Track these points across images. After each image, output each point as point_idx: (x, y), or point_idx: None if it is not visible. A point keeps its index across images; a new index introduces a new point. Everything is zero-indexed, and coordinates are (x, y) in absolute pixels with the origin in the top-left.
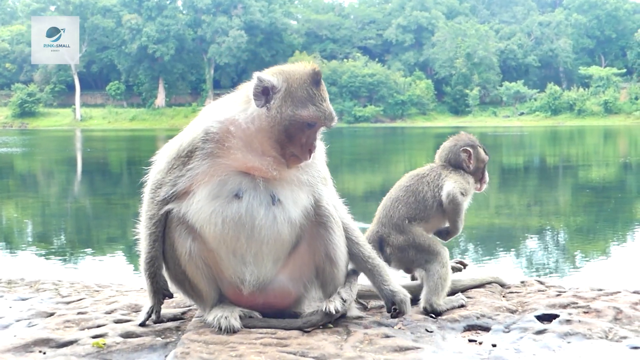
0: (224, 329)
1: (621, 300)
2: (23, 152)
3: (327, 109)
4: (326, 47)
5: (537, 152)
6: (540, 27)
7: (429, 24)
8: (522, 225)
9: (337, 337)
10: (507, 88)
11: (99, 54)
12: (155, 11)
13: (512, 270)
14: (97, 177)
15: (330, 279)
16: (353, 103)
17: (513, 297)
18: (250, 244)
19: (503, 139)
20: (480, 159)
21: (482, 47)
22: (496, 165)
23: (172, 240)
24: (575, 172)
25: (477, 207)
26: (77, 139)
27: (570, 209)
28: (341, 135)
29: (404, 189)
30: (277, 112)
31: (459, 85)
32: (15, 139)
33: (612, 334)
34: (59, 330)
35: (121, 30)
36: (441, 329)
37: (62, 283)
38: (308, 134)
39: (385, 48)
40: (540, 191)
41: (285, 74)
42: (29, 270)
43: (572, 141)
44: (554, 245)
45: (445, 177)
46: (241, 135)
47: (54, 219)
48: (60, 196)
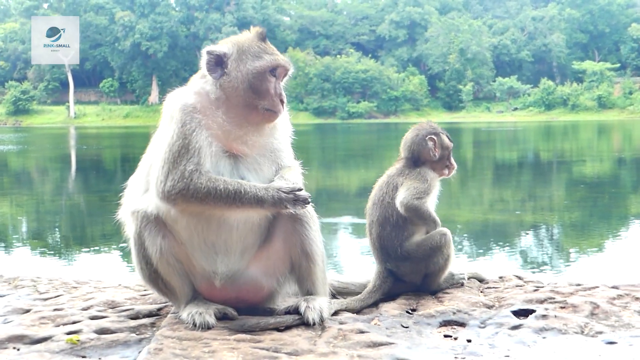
0: (199, 325)
1: (599, 295)
2: (17, 150)
3: (279, 54)
4: (319, 43)
5: (530, 147)
6: (534, 22)
7: (422, 19)
8: (515, 221)
9: (312, 332)
10: (501, 83)
11: (92, 51)
12: (148, 8)
13: (505, 265)
14: (91, 174)
15: (307, 274)
16: (346, 99)
17: (491, 293)
18: (221, 229)
19: (497, 134)
20: (444, 146)
21: (476, 43)
22: (490, 161)
23: (142, 241)
24: (569, 167)
25: (472, 203)
26: (71, 136)
27: (564, 204)
28: (335, 132)
29: (377, 220)
30: (236, 72)
31: (452, 81)
32: (9, 136)
33: (588, 329)
34: (34, 326)
35: (114, 28)
36: (417, 324)
37: (40, 280)
38: (274, 85)
39: (378, 44)
40: (534, 186)
41: (232, 40)
42: (20, 267)
43: (565, 136)
44: (546, 240)
45: (400, 186)
46: (215, 106)
47: (47, 216)
48: (54, 193)
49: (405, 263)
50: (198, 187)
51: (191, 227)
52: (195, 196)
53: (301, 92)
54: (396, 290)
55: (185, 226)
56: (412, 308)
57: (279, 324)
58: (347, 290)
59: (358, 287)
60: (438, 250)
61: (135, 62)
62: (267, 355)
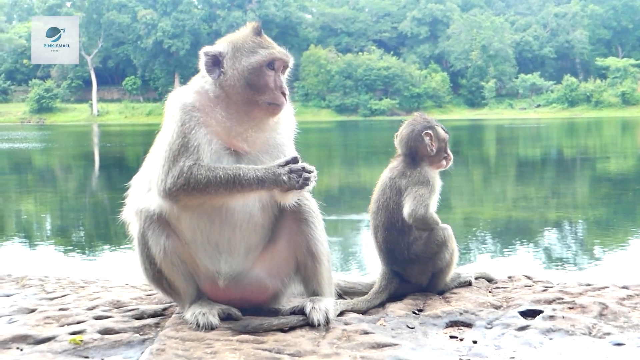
0: (202, 325)
1: (608, 295)
2: (41, 148)
3: (276, 47)
4: (341, 40)
5: (554, 144)
6: (556, 19)
7: (444, 16)
8: (537, 218)
9: (315, 333)
10: (523, 80)
11: (115, 50)
12: (170, 6)
13: (524, 262)
14: (114, 171)
15: (313, 274)
16: (369, 96)
17: (499, 293)
18: (224, 228)
19: (520, 131)
20: (440, 138)
21: (498, 39)
22: (513, 158)
23: (146, 240)
24: (593, 164)
25: (494, 200)
26: (94, 133)
27: (587, 201)
28: (357, 129)
29: (382, 225)
30: (233, 70)
31: (474, 78)
32: (33, 134)
33: (596, 330)
34: (38, 326)
35: (137, 26)
36: (423, 324)
37: (48, 279)
38: (274, 78)
39: (400, 41)
40: (557, 183)
41: (227, 38)
42: (34, 265)
43: (589, 133)
44: (568, 237)
45: (403, 191)
46: (215, 104)
47: (69, 213)
48: (77, 190)
49: (413, 265)
50: (198, 179)
51: (194, 226)
52: (197, 188)
53: (323, 89)
54: (403, 291)
55: (188, 225)
56: (419, 308)
57: (283, 325)
58: (354, 290)
59: (365, 287)
60: (443, 245)
61: (157, 60)
62: (270, 357)
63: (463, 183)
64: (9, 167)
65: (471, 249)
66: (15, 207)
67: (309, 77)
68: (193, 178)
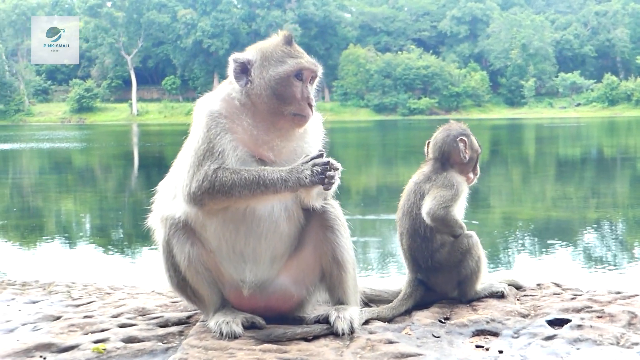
0: (225, 334)
1: (638, 304)
2: (81, 147)
3: (305, 57)
4: (380, 39)
5: (594, 143)
6: (597, 17)
7: (484, 15)
8: (577, 218)
9: (339, 342)
10: (563, 79)
11: (154, 49)
12: (210, 6)
13: (561, 262)
14: (154, 171)
15: (338, 282)
16: (407, 95)
17: (527, 301)
18: (249, 238)
19: (559, 130)
20: (474, 149)
21: (538, 38)
22: (552, 157)
23: (171, 248)
24: (634, 163)
25: (534, 199)
26: (134, 133)
27: (628, 201)
28: (396, 128)
29: (407, 232)
30: (260, 79)
31: (514, 77)
32: (73, 134)
33: (624, 340)
34: (62, 334)
35: (176, 26)
36: (449, 333)
37: (75, 285)
38: (301, 89)
39: (439, 40)
40: (597, 183)
41: (257, 46)
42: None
43: (630, 132)
44: (608, 238)
45: (426, 195)
46: (242, 112)
47: (109, 213)
48: (117, 190)
49: (437, 274)
50: (223, 181)
51: (219, 234)
52: (221, 190)
53: (362, 88)
54: (430, 298)
55: (213, 234)
56: (446, 317)
57: (307, 334)
58: (380, 298)
59: (391, 295)
60: (467, 253)
61: (197, 60)
62: None
63: (502, 182)
64: (49, 166)
65: (509, 248)
66: (55, 207)
67: (348, 76)
68: (218, 181)
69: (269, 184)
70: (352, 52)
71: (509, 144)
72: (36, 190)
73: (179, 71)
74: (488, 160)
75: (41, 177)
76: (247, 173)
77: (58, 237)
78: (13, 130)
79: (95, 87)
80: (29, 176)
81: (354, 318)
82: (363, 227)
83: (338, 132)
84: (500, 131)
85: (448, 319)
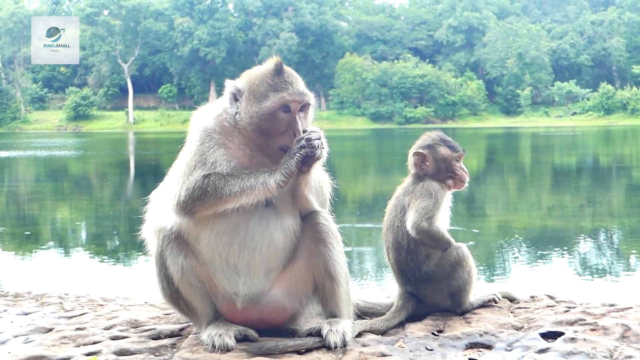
0: (218, 347)
1: (631, 316)
2: (77, 155)
3: (291, 88)
4: (377, 48)
5: (590, 152)
6: (593, 26)
7: (480, 24)
8: (572, 227)
9: (332, 355)
10: (559, 88)
11: (151, 57)
12: (206, 14)
13: (557, 271)
14: (150, 179)
15: (331, 295)
16: (404, 104)
17: (521, 313)
18: (243, 251)
19: (555, 139)
20: (439, 159)
21: (534, 47)
22: (548, 166)
23: (164, 260)
24: (629, 172)
25: (529, 208)
26: (130, 141)
27: (624, 210)
28: (392, 137)
29: (392, 246)
30: (245, 113)
31: (510, 86)
32: (69, 141)
33: (617, 353)
34: (54, 346)
35: (173, 34)
36: (442, 346)
37: (67, 297)
38: (287, 122)
39: (436, 49)
40: (593, 192)
41: (248, 74)
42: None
43: (625, 141)
44: (604, 247)
45: (407, 208)
46: (234, 131)
47: (104, 221)
48: (112, 198)
49: (426, 285)
50: (216, 185)
51: (213, 247)
52: (214, 194)
53: (358, 97)
54: (422, 310)
55: (206, 246)
56: (439, 329)
57: (299, 347)
58: (373, 310)
59: (384, 308)
60: (458, 265)
61: (193, 68)
62: None
63: (498, 191)
64: (45, 174)
65: (504, 258)
66: (50, 215)
67: (344, 85)
68: (210, 185)
69: (259, 176)
70: (349, 60)
71: (505, 153)
72: (32, 198)
73: (175, 79)
74: (484, 169)
75: (37, 185)
76: (236, 173)
77: (52, 246)
78: (9, 138)
79: (92, 95)
80: (25, 184)
81: (347, 331)
82: (359, 236)
83: (334, 140)
84: (496, 140)
85: (441, 331)
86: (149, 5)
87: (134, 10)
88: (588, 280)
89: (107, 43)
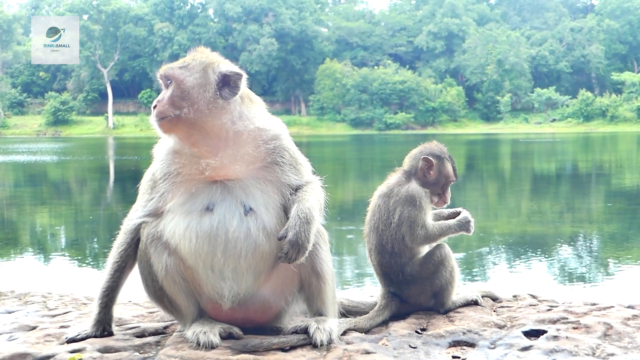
0: (202, 344)
1: (613, 315)
2: (57, 160)
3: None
4: (357, 54)
5: (569, 158)
6: (572, 33)
7: (460, 30)
8: (552, 233)
9: (316, 353)
10: (539, 94)
11: (131, 62)
12: (186, 20)
13: (537, 277)
14: (129, 183)
15: (317, 293)
16: (384, 110)
17: (503, 312)
18: (227, 258)
19: (535, 145)
20: (443, 173)
21: (514, 54)
22: (528, 172)
23: (148, 257)
24: (608, 179)
25: (509, 214)
26: (110, 146)
27: (602, 216)
28: (372, 142)
29: (375, 248)
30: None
31: (490, 92)
32: (49, 146)
33: (600, 351)
34: (38, 344)
35: (153, 39)
36: (425, 344)
37: (51, 295)
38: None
39: (416, 55)
40: (572, 198)
41: None
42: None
43: (604, 148)
44: (583, 253)
45: (393, 215)
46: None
47: (83, 225)
48: (92, 203)
49: (409, 286)
50: (119, 242)
51: (193, 252)
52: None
53: (339, 103)
54: (405, 309)
55: (188, 251)
56: (422, 327)
57: (284, 344)
58: (357, 309)
59: (368, 307)
60: (440, 264)
61: None
62: None
63: (478, 197)
64: (24, 179)
65: (484, 263)
66: (29, 220)
67: (324, 90)
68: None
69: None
70: (329, 66)
71: (485, 159)
72: (11, 203)
73: (155, 85)
74: (464, 175)
75: (16, 190)
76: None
77: (33, 249)
78: None
79: (71, 100)
80: (3, 189)
81: (333, 329)
82: (339, 240)
83: (314, 146)
84: (476, 146)
85: (425, 329)
86: (129, 10)
87: (114, 15)
88: (567, 283)
89: (87, 48)
